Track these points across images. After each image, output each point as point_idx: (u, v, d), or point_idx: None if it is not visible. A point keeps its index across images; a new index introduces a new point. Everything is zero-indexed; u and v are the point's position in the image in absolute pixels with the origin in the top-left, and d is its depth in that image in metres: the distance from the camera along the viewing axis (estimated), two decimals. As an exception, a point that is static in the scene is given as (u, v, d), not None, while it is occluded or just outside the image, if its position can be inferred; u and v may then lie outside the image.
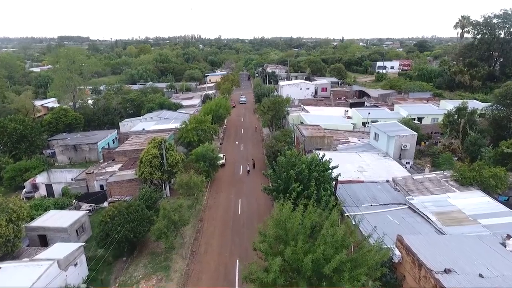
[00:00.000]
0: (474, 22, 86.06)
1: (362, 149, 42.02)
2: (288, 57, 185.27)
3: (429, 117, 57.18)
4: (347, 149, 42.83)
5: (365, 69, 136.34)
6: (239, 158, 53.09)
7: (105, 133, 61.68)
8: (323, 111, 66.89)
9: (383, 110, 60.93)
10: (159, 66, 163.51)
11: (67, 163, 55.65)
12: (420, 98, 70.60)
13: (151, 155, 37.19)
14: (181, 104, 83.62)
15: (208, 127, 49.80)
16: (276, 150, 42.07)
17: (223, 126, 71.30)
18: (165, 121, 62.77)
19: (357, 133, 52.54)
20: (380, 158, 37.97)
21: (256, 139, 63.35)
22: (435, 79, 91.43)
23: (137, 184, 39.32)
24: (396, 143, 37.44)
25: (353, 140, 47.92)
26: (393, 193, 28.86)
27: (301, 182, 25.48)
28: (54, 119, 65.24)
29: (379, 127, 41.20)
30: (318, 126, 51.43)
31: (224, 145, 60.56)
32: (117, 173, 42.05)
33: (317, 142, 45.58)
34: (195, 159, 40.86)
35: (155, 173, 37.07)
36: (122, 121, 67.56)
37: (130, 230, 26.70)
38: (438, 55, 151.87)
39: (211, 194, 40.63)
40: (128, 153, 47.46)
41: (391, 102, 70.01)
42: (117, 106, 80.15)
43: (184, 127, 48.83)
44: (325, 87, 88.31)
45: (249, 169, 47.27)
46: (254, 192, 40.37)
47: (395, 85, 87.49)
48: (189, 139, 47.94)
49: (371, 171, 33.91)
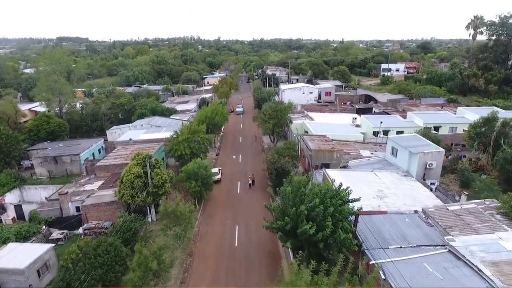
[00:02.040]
0: (489, 22, 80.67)
1: (378, 165, 36.57)
2: (288, 58, 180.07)
3: (446, 126, 51.78)
4: (361, 165, 37.37)
5: (369, 72, 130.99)
6: (237, 172, 47.59)
7: (89, 142, 56.13)
8: (328, 118, 61.47)
9: (395, 118, 55.51)
10: (156, 67, 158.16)
11: (46, 176, 50.12)
12: (433, 104, 65.19)
13: (133, 175, 31.70)
14: (176, 109, 78.08)
15: (202, 138, 44.30)
16: (279, 167, 36.62)
17: (220, 134, 65.87)
18: (156, 129, 57.23)
19: (368, 145, 47.11)
20: (401, 178, 32.51)
21: (256, 149, 57.87)
22: (446, 83, 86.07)
23: (117, 207, 33.81)
24: (420, 161, 32.00)
25: (365, 154, 42.47)
26: (425, 229, 23.37)
27: (314, 220, 20.01)
28: (35, 127, 59.77)
29: (398, 141, 35.75)
30: (325, 137, 46.02)
31: (221, 156, 55.03)
32: (96, 193, 36.50)
33: (325, 156, 40.21)
34: (186, 177, 35.35)
35: (137, 196, 31.59)
36: (110, 129, 61.96)
37: (98, 279, 21.18)
38: (444, 57, 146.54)
39: (204, 218, 35.12)
40: (111, 168, 41.90)
41: (402, 108, 64.62)
42: (107, 112, 74.66)
43: (175, 138, 43.32)
44: (329, 91, 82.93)
45: (250, 183, 41.88)
46: (254, 215, 34.89)
47: (404, 89, 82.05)
48: (180, 151, 42.45)
49: (393, 196, 28.45)
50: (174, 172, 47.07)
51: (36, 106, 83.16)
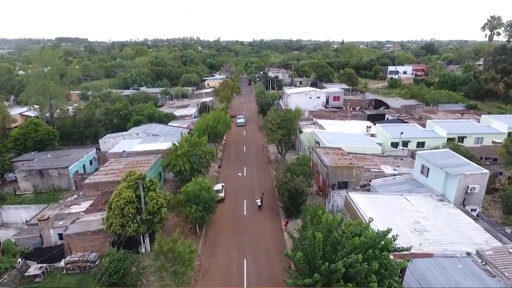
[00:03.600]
0: (509, 22, 75.92)
1: (406, 186, 31.86)
2: (290, 60, 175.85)
3: (472, 136, 47.15)
4: (385, 186, 32.66)
5: (375, 74, 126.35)
6: (242, 188, 42.91)
7: (80, 153, 51.40)
8: (339, 126, 56.77)
9: (414, 127, 50.82)
10: (154, 69, 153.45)
11: (31, 192, 45.43)
12: (452, 110, 60.51)
13: (123, 200, 27.00)
14: (174, 115, 73.31)
15: (204, 151, 39.59)
16: (292, 188, 31.92)
17: (222, 142, 61.17)
18: (153, 139, 52.49)
19: (388, 159, 42.41)
20: (437, 204, 27.81)
21: (262, 160, 53.18)
22: (460, 87, 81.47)
23: (106, 237, 29.13)
24: (459, 184, 27.32)
25: (387, 170, 37.78)
26: (485, 279, 18.70)
27: (353, 279, 15.31)
28: (22, 135, 55.00)
29: (430, 158, 31.05)
30: (340, 150, 41.34)
31: (224, 168, 50.30)
32: (82, 217, 31.76)
33: (342, 173, 35.55)
34: (185, 200, 30.60)
35: (128, 225, 26.88)
36: (103, 138, 57.18)
37: None
38: (452, 59, 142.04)
39: (206, 249, 30.38)
40: (101, 186, 37.12)
41: (418, 115, 59.91)
42: (101, 117, 69.92)
43: (173, 152, 38.60)
44: (337, 95, 78.23)
45: (260, 204, 37.13)
46: (263, 245, 30.26)
47: (416, 94, 77.35)
48: (179, 167, 37.75)
49: (434, 230, 23.74)
50: (173, 188, 42.57)
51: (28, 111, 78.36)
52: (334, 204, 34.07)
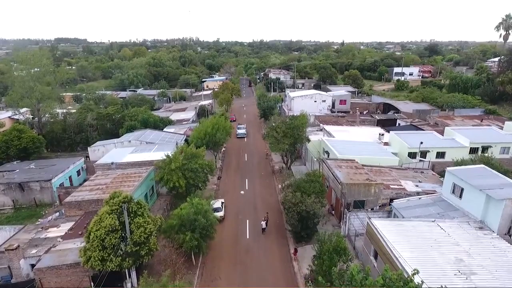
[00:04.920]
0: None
1: (435, 209, 27.48)
2: (290, 61, 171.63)
3: (497, 146, 42.79)
4: (411, 208, 28.24)
5: (380, 76, 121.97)
6: (244, 205, 38.46)
7: (66, 163, 46.97)
8: (349, 133, 52.36)
9: (432, 135, 46.41)
10: (152, 70, 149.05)
11: (11, 206, 41.06)
12: (470, 116, 56.16)
13: (104, 229, 22.56)
14: (171, 119, 68.88)
15: (201, 164, 35.14)
16: (303, 210, 27.51)
17: (222, 150, 56.73)
18: (147, 147, 48.07)
19: (407, 172, 37.98)
20: (477, 233, 23.41)
21: (266, 170, 48.76)
22: (473, 90, 77.13)
23: (85, 271, 24.65)
24: (505, 210, 22.96)
25: (409, 186, 33.36)
26: None
27: None
28: (4, 143, 50.66)
29: (463, 176, 26.67)
30: (354, 162, 36.99)
31: (224, 180, 45.88)
32: (59, 245, 27.29)
33: (359, 191, 31.20)
34: (178, 225, 26.16)
35: (110, 260, 22.45)
36: (92, 146, 52.68)
37: None
38: (459, 60, 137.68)
39: (204, 282, 25.95)
40: (85, 205, 32.65)
41: (433, 121, 55.50)
42: (92, 122, 65.50)
43: (167, 165, 34.15)
44: (344, 99, 73.81)
45: (264, 227, 32.63)
46: (271, 278, 25.82)
47: (428, 97, 72.94)
48: (173, 183, 33.33)
49: (481, 271, 19.32)
50: (167, 204, 38.14)
51: (18, 114, 73.92)
52: (351, 228, 29.75)
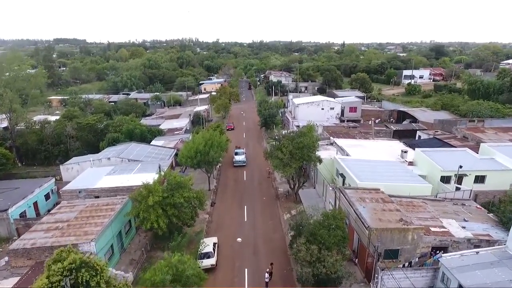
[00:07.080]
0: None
1: (503, 271, 20.05)
2: (291, 62, 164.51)
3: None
4: (467, 268, 20.76)
5: (389, 79, 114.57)
6: (242, 245, 30.93)
7: (31, 185, 39.59)
8: (365, 148, 44.97)
9: (466, 153, 38.88)
10: (147, 72, 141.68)
11: (-42, 242, 33.69)
12: (504, 128, 48.68)
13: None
14: (161, 129, 61.44)
15: (188, 198, 27.69)
16: (322, 272, 20.10)
17: (217, 167, 49.31)
18: (128, 167, 40.64)
19: (446, 205, 30.43)
20: None
21: (268, 194, 41.36)
22: (495, 96, 69.83)
23: None
24: None
25: (454, 229, 25.86)
26: None
27: None
28: (-37, 160, 43.34)
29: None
30: (379, 193, 29.73)
31: (218, 207, 38.42)
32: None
33: (392, 239, 23.78)
34: (151, 296, 18.78)
35: None
36: (65, 164, 45.20)
37: None
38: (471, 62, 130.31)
39: None
40: (35, 254, 25.21)
41: (461, 134, 48.04)
42: (72, 132, 58.11)
43: (143, 199, 26.71)
44: (354, 106, 66.36)
45: (267, 281, 25.22)
46: None
47: (448, 104, 65.51)
48: (151, 223, 25.94)
49: None
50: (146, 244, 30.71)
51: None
52: (384, 291, 22.28)
